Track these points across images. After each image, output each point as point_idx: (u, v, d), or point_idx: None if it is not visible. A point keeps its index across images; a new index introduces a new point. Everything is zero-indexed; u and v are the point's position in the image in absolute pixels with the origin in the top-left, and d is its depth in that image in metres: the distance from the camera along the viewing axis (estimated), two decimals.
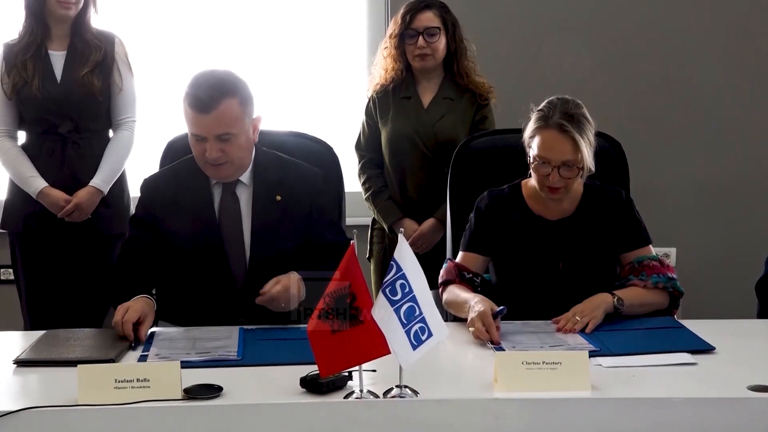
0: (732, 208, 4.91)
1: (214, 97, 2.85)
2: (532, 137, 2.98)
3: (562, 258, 3.03)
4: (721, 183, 4.88)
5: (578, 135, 2.90)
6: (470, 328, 2.76)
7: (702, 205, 4.90)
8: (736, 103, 4.86)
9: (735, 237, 4.90)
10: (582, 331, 2.79)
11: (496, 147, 3.42)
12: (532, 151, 2.97)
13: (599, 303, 2.87)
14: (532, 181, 3.04)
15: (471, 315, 2.77)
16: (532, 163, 2.97)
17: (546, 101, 3.01)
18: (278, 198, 3.00)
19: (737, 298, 3.84)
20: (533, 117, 2.99)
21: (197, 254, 2.96)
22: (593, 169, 2.98)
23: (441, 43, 3.85)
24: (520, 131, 3.43)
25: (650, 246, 3.07)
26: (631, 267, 3.03)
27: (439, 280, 3.06)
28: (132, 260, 2.96)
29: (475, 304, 2.80)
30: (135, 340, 2.69)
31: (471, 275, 3.04)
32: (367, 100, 4.00)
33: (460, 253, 3.10)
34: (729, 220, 4.92)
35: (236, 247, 2.98)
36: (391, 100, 3.92)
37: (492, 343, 2.69)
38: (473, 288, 3.01)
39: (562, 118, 2.91)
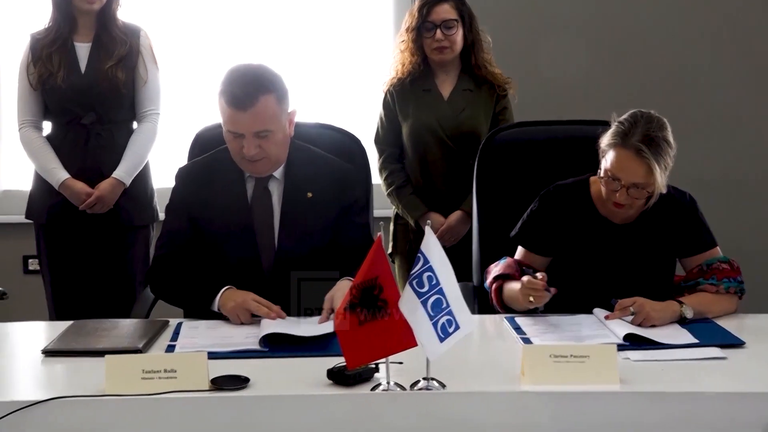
0: (743, 203, 4.90)
1: (252, 94, 2.83)
2: (607, 149, 2.88)
3: (625, 263, 2.98)
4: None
5: (654, 161, 2.80)
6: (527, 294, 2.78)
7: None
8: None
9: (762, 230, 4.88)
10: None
11: (523, 140, 3.40)
12: (605, 163, 2.88)
13: (668, 316, 2.78)
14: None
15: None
16: (603, 177, 2.88)
17: (630, 114, 2.88)
18: (309, 195, 2.98)
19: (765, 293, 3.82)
20: (613, 128, 2.88)
21: (228, 246, 2.96)
22: (664, 191, 2.90)
23: (458, 35, 3.85)
24: (545, 123, 3.46)
25: (717, 247, 3.01)
26: (700, 270, 2.96)
27: (495, 272, 3.01)
28: (173, 252, 2.98)
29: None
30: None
31: (533, 270, 2.98)
32: (383, 95, 3.98)
33: (521, 251, 3.05)
34: (745, 214, 4.90)
35: (267, 240, 2.97)
36: (410, 94, 3.91)
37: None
38: None
39: (642, 141, 2.81)
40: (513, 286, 2.91)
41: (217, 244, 2.97)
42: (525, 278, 2.82)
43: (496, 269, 3.02)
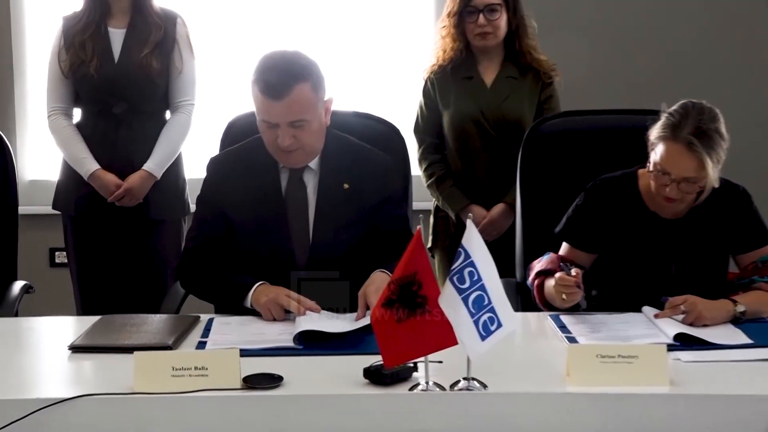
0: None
1: (287, 83, 2.77)
2: (656, 142, 2.79)
3: (676, 260, 2.89)
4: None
5: (706, 155, 2.71)
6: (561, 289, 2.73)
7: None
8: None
9: None
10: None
11: (569, 130, 3.32)
12: (654, 156, 2.79)
13: (721, 315, 2.70)
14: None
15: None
16: (652, 170, 2.80)
17: (680, 105, 2.80)
18: (346, 186, 2.93)
19: None
20: (662, 120, 2.80)
21: (260, 239, 2.91)
22: (717, 185, 2.81)
23: (502, 20, 3.77)
24: (593, 113, 3.39)
25: None
26: (755, 267, 2.88)
27: (537, 268, 2.95)
28: (204, 244, 2.95)
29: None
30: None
31: (570, 267, 2.91)
32: (423, 82, 3.92)
33: (566, 246, 2.97)
34: None
35: (301, 234, 2.93)
36: (451, 81, 3.84)
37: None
38: None
39: (693, 134, 2.72)
40: (552, 283, 2.84)
41: (250, 236, 2.92)
42: (558, 275, 2.76)
43: (538, 265, 2.96)
